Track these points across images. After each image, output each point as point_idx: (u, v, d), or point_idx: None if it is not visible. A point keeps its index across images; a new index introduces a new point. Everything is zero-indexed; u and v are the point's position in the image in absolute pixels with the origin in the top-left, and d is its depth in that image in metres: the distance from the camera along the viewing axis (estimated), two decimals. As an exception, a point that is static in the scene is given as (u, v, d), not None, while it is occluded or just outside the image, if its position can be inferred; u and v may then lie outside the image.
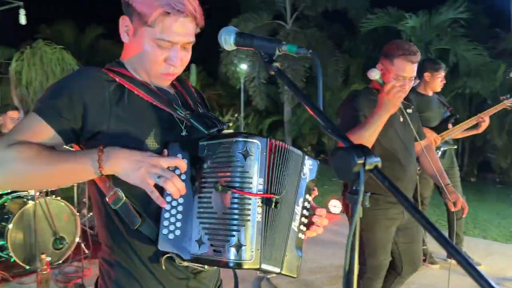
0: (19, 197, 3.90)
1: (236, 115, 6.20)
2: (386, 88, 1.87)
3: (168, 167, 1.01)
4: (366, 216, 1.74)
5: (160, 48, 1.10)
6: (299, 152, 1.17)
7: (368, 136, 1.95)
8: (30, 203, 3.67)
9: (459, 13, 9.23)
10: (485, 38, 10.35)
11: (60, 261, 3.82)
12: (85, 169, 0.99)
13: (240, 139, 1.04)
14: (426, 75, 3.96)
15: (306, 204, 1.18)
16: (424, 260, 4.12)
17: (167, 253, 1.08)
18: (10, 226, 3.56)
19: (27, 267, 3.62)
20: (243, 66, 11.85)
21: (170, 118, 1.15)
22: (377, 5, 10.70)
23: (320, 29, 12.31)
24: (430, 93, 4.05)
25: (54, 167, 0.99)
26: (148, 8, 1.05)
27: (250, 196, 1.02)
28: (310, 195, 1.21)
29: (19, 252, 3.62)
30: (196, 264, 1.10)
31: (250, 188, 1.02)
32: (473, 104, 10.27)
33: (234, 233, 1.00)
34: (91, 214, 4.35)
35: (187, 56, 1.16)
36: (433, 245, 3.93)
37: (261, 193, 1.04)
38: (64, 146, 1.10)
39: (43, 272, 3.17)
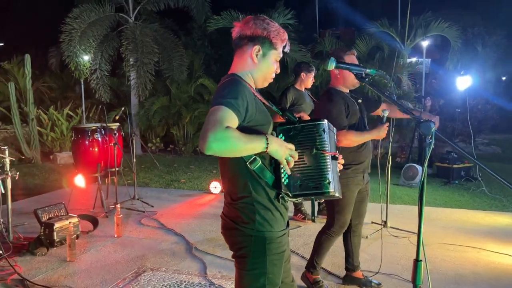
0: None
1: (123, 108, 6.34)
2: (384, 127, 2.98)
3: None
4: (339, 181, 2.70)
5: (275, 63, 1.84)
6: (334, 128, 1.97)
7: (356, 141, 2.99)
8: None
9: (288, 19, 10.98)
10: (304, 41, 12.48)
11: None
12: (260, 147, 1.65)
13: (320, 122, 1.80)
14: (303, 74, 5.07)
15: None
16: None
17: (281, 192, 1.78)
18: None
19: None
20: (85, 58, 11.42)
21: (268, 110, 1.86)
22: (217, 7, 11.79)
23: (160, 24, 12.72)
24: (303, 89, 5.20)
25: (248, 144, 1.62)
26: (278, 40, 1.80)
27: (329, 155, 1.78)
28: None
29: None
30: (294, 199, 1.81)
31: (328, 149, 1.78)
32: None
33: (326, 175, 1.76)
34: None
35: None
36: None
37: (333, 152, 1.81)
38: None
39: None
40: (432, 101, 9.76)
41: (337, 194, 1.82)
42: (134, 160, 6.13)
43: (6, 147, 4.25)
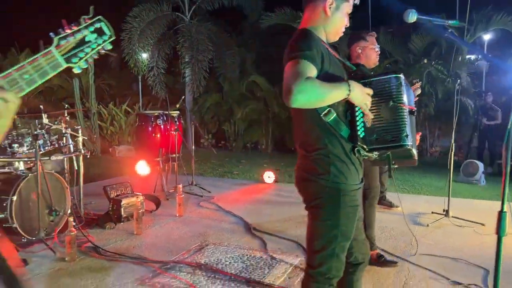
0: (12, 171, 3.90)
1: (183, 97, 6.60)
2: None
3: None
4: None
5: (346, 15, 1.86)
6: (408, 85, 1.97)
7: None
8: (30, 175, 3.73)
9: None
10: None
11: (54, 233, 3.90)
12: (342, 94, 1.68)
13: (398, 75, 1.78)
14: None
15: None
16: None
17: (357, 146, 1.79)
18: (14, 198, 3.58)
19: (24, 239, 3.65)
20: (144, 55, 11.90)
21: (341, 64, 1.88)
22: (270, 5, 11.91)
23: (214, 23, 13.00)
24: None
25: (331, 92, 1.66)
26: None
27: (406, 108, 1.78)
28: None
29: (21, 224, 3.64)
30: (370, 154, 1.82)
31: (404, 103, 1.78)
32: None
33: (404, 128, 1.75)
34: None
35: None
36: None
37: (410, 105, 1.81)
38: None
39: (71, 233, 3.36)
40: (494, 97, 9.34)
41: (414, 151, 1.80)
42: (194, 147, 6.33)
43: (79, 126, 4.52)
